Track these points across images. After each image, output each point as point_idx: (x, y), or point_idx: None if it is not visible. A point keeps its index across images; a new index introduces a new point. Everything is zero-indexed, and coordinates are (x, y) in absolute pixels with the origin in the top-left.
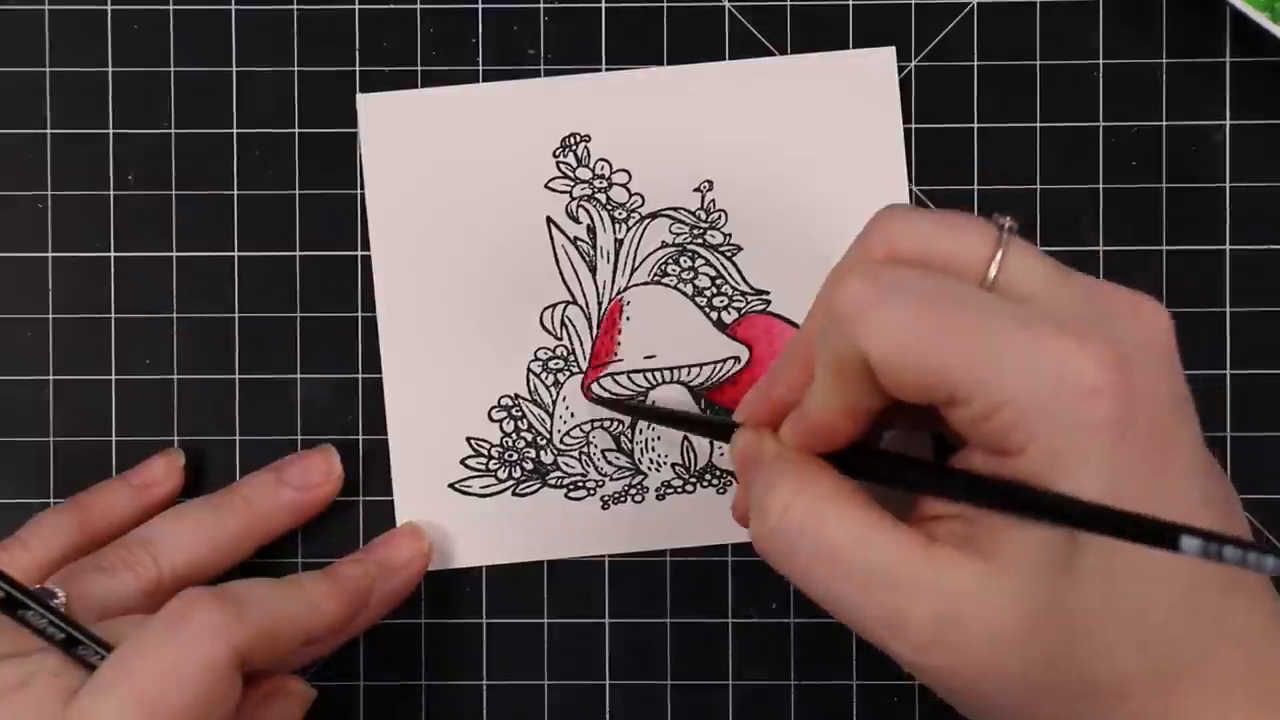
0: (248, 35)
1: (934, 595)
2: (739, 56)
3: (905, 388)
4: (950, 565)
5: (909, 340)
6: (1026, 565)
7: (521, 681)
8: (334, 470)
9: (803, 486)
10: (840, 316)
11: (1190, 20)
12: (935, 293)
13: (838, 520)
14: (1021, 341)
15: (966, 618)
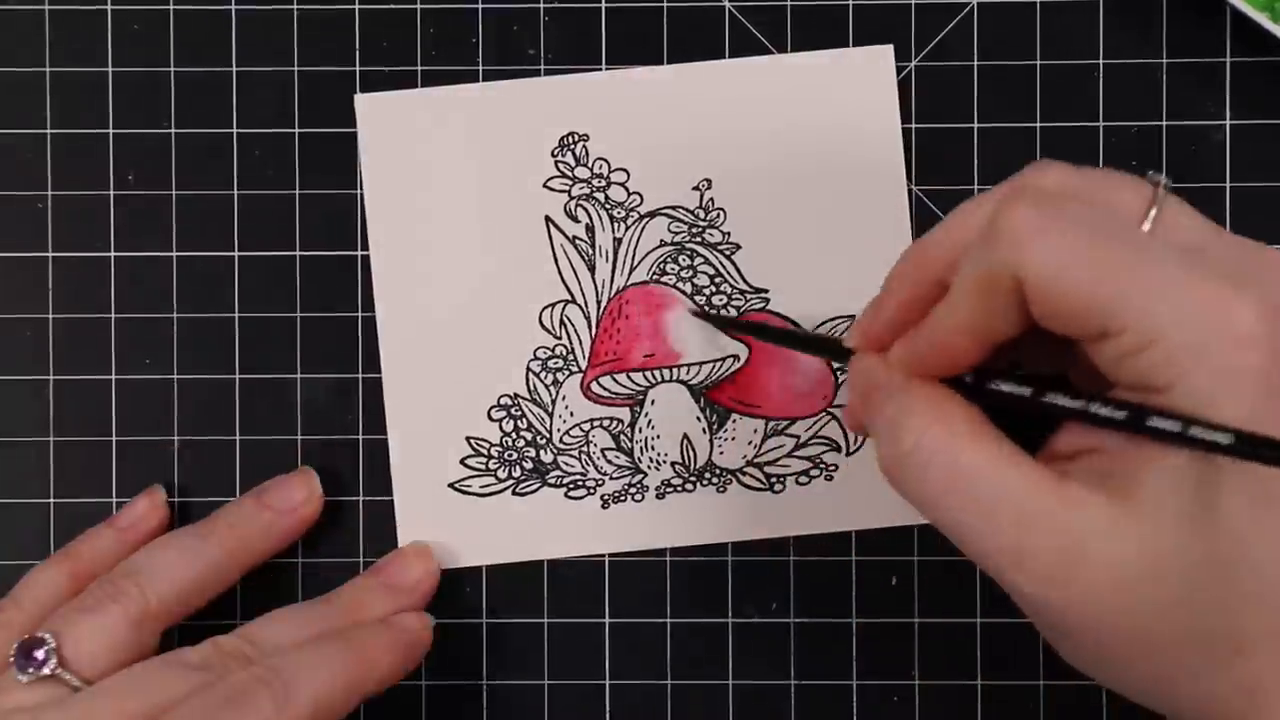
0: (248, 35)
1: (1060, 531)
2: (739, 56)
3: (1059, 314)
4: (1080, 502)
5: (1072, 266)
6: (1161, 508)
7: (521, 681)
8: (314, 491)
9: (939, 417)
10: (1003, 235)
11: (1190, 20)
12: (1100, 224)
13: (972, 451)
14: (1182, 282)
15: (1092, 555)
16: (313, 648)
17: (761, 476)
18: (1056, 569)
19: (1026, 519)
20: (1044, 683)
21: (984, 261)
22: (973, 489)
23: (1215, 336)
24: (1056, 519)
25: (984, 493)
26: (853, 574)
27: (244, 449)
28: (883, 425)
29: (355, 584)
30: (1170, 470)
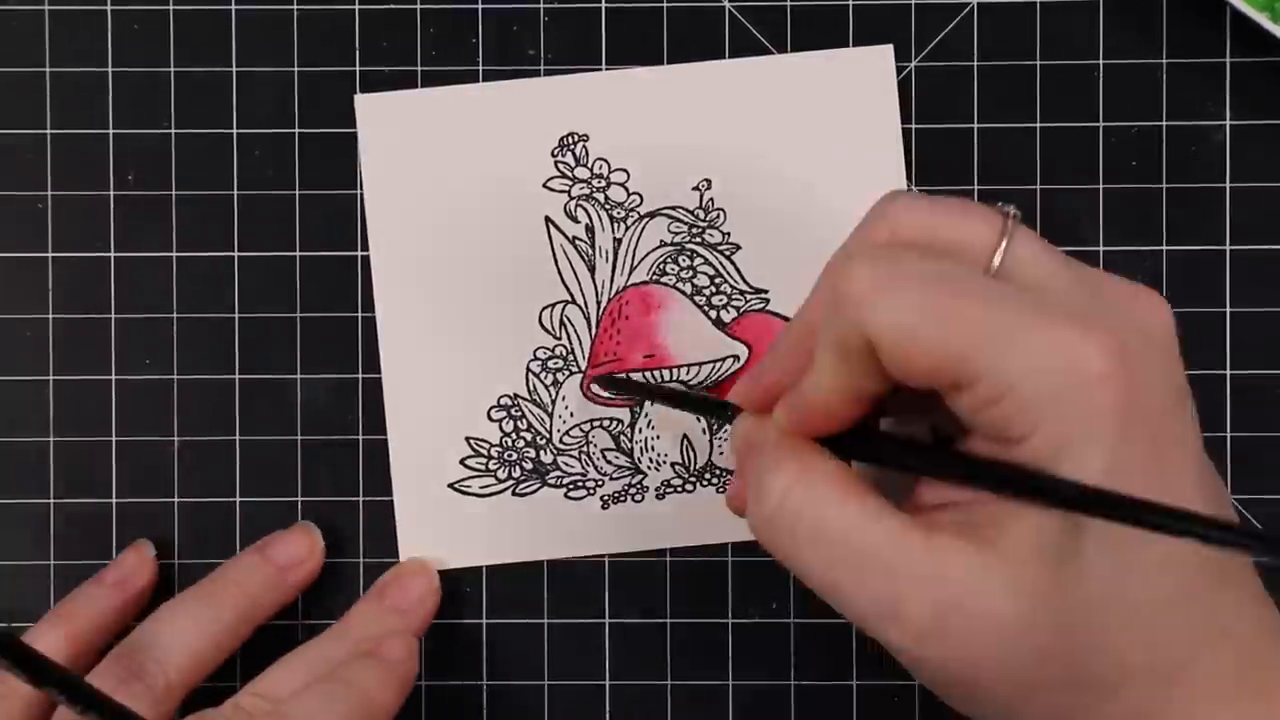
0: (248, 35)
1: (932, 584)
2: (739, 56)
3: (910, 372)
4: (950, 554)
5: (916, 323)
6: (1027, 555)
7: (521, 682)
8: (316, 545)
9: (804, 472)
10: (846, 299)
11: (1190, 20)
12: (942, 277)
13: (838, 506)
14: (1028, 327)
15: (965, 607)
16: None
17: None
18: (931, 623)
19: (897, 574)
20: None
21: (834, 325)
22: (840, 546)
23: (1067, 381)
24: (927, 572)
25: (852, 550)
26: None
27: (244, 449)
28: (752, 482)
29: (363, 613)
30: (1031, 517)
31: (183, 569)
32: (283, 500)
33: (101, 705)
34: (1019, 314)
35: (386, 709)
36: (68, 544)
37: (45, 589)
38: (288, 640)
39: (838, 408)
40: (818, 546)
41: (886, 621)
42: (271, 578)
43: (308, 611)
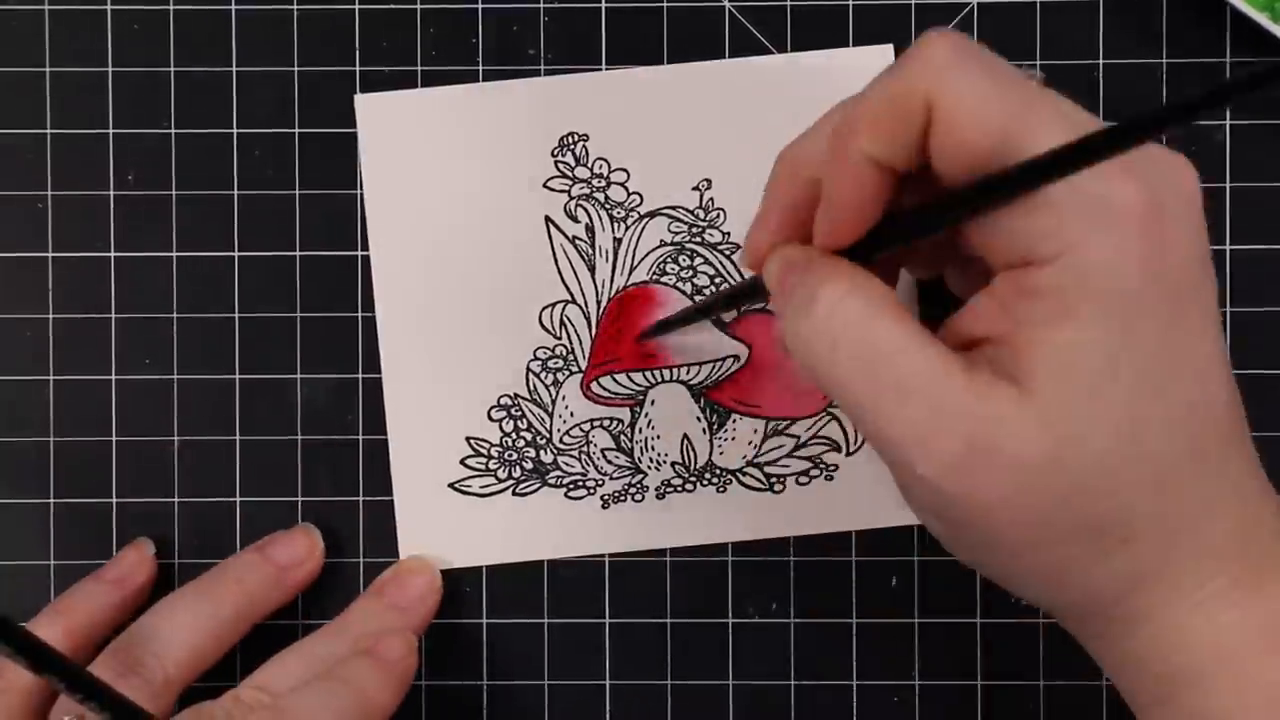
0: (248, 35)
1: (968, 418)
2: (739, 56)
3: (962, 145)
4: (988, 389)
5: (986, 98)
6: (1060, 393)
7: (521, 681)
8: (316, 547)
9: (857, 287)
10: (922, 59)
11: (1190, 20)
12: (1013, 75)
13: (890, 324)
14: None
15: (997, 443)
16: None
17: (761, 476)
18: (961, 458)
19: (936, 402)
20: (1044, 683)
21: (893, 81)
22: (886, 366)
23: (1105, 213)
24: (966, 406)
25: (897, 371)
26: (853, 574)
27: (244, 449)
28: (797, 298)
29: (362, 609)
30: (1060, 351)
31: (183, 568)
32: (283, 500)
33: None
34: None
35: (384, 707)
36: (68, 544)
37: (45, 589)
38: (287, 639)
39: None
40: (861, 364)
41: (916, 449)
42: (271, 577)
43: (307, 611)
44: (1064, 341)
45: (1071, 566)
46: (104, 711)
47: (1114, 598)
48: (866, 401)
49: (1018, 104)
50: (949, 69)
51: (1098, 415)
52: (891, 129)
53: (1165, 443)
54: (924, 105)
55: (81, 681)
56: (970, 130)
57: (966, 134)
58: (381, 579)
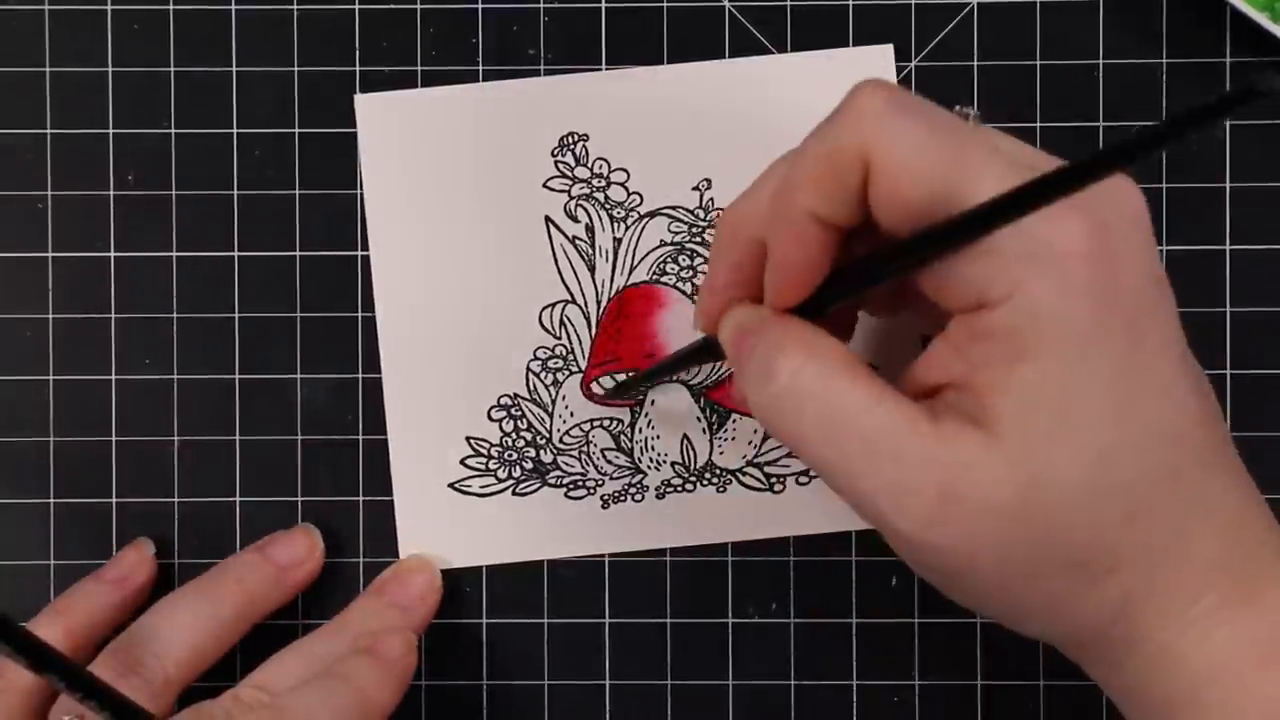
0: (248, 35)
1: (938, 467)
2: (739, 56)
3: (900, 197)
4: (954, 436)
5: (922, 149)
6: (1024, 435)
7: (521, 681)
8: (316, 547)
9: (812, 352)
10: (856, 112)
11: (1190, 20)
12: (948, 121)
13: (849, 386)
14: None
15: (969, 490)
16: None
17: (761, 476)
18: (935, 508)
19: (905, 457)
20: (1044, 683)
21: (832, 137)
22: (850, 427)
23: (1050, 249)
24: (934, 456)
25: (861, 432)
26: (853, 574)
27: (244, 449)
28: (754, 366)
29: (362, 608)
30: (1019, 389)
31: (182, 568)
32: (283, 500)
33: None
34: (1015, 173)
35: (383, 705)
36: (68, 544)
37: (45, 589)
38: (287, 639)
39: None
40: (826, 428)
41: (892, 506)
42: (271, 576)
43: (307, 611)
44: (1022, 381)
45: (1061, 601)
46: (104, 711)
47: (1106, 625)
48: (836, 463)
49: (952, 150)
50: (881, 121)
51: (1063, 451)
52: (830, 186)
53: (1136, 469)
54: (860, 160)
55: (81, 681)
56: (906, 181)
57: (903, 186)
58: (381, 578)
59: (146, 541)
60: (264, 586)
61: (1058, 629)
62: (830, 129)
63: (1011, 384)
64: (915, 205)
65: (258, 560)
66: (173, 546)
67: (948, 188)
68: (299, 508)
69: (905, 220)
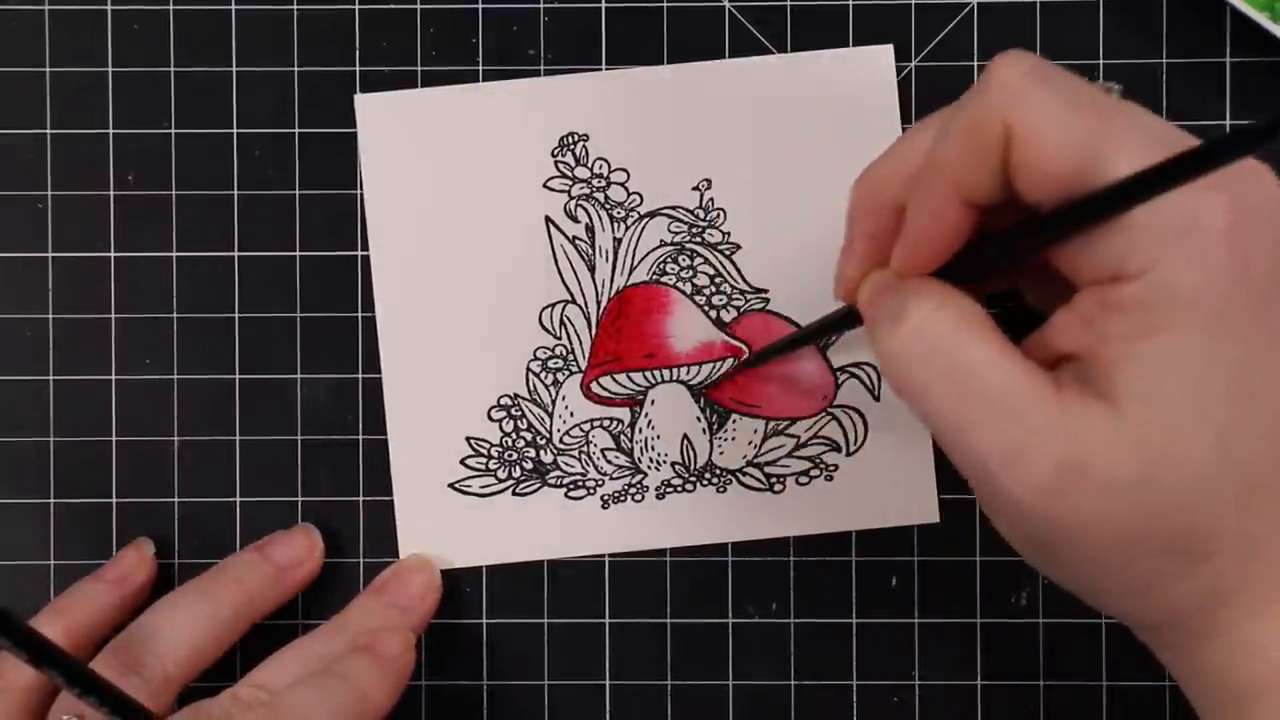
0: (248, 35)
1: (1060, 437)
2: (739, 56)
3: (1043, 172)
4: (1080, 408)
5: (1063, 119)
6: (1149, 410)
7: (521, 681)
8: (316, 547)
9: (946, 301)
10: (997, 84)
11: (1190, 20)
12: (1094, 93)
13: (978, 339)
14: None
15: (1090, 464)
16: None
17: (761, 476)
18: (1053, 478)
19: (1028, 421)
20: (1044, 683)
21: (974, 108)
22: (976, 381)
23: (1189, 227)
24: (1058, 425)
25: (987, 388)
26: (853, 574)
27: (244, 449)
28: (886, 311)
29: (362, 607)
30: (1148, 365)
31: (182, 568)
32: (283, 500)
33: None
34: (1155, 150)
35: (380, 704)
36: (68, 544)
37: (45, 589)
38: (287, 638)
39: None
40: (953, 376)
41: (1008, 469)
42: (271, 576)
43: (307, 610)
44: (1152, 356)
45: (1155, 583)
46: (103, 707)
47: (1193, 612)
48: (956, 419)
49: (1095, 121)
50: (1022, 92)
51: (1189, 431)
52: (974, 162)
53: (1255, 453)
54: (1002, 132)
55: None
56: (1051, 154)
57: (1048, 158)
58: (381, 578)
59: (146, 541)
60: (263, 586)
61: (1143, 612)
62: (972, 102)
63: (1140, 358)
64: (1058, 176)
65: (257, 560)
66: (173, 546)
67: (1090, 159)
68: (299, 508)
69: (1049, 193)
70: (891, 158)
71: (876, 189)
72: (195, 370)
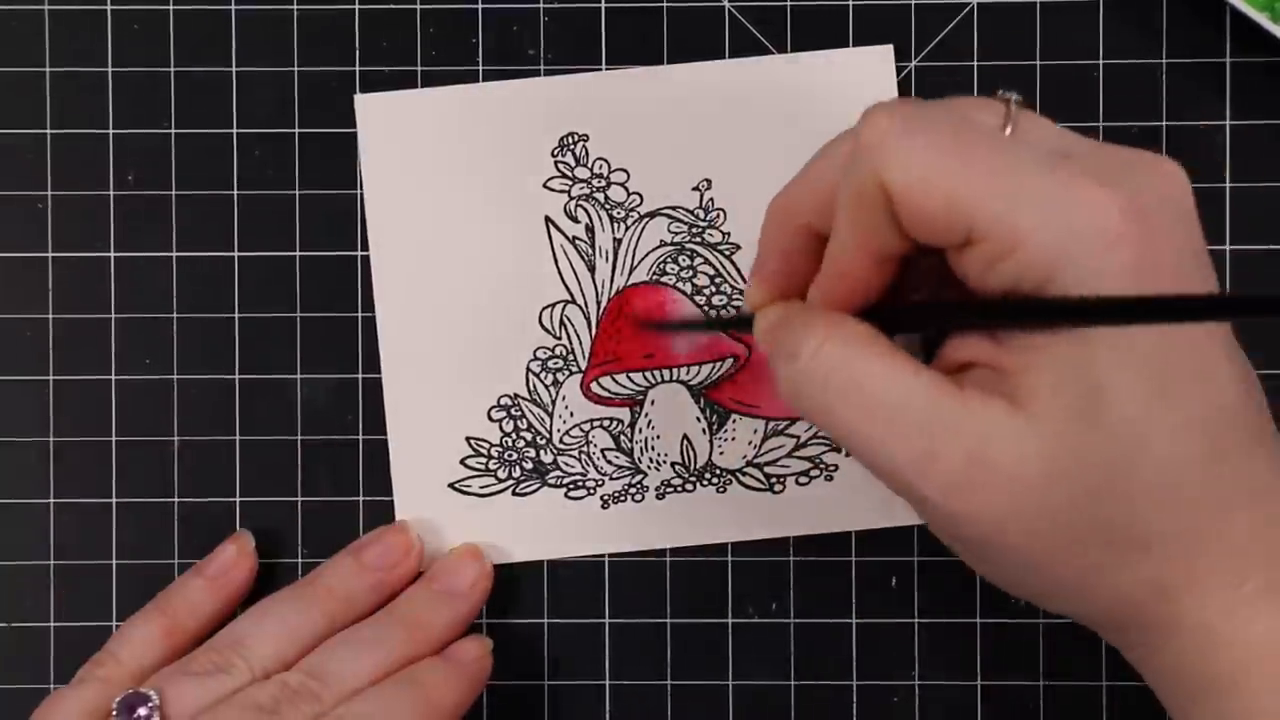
0: (248, 35)
1: (964, 435)
2: (739, 56)
3: (923, 220)
4: (981, 407)
5: (932, 171)
6: (1053, 409)
7: (521, 681)
8: (414, 546)
9: (834, 327)
10: (864, 145)
11: (1190, 20)
12: (959, 128)
13: (870, 358)
14: (1044, 182)
15: (996, 458)
16: (379, 697)
17: (761, 476)
18: (963, 474)
19: (931, 425)
20: (1044, 683)
21: (852, 174)
22: (875, 396)
23: (1081, 236)
24: (960, 424)
25: (886, 400)
26: (853, 574)
27: (244, 449)
28: (782, 350)
29: (411, 596)
30: (1052, 369)
31: (182, 569)
32: (283, 500)
33: None
34: (1035, 168)
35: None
36: (68, 544)
37: (45, 589)
38: None
39: (861, 269)
40: (850, 399)
41: (919, 474)
42: (366, 582)
43: None
44: (1054, 360)
45: (1094, 577)
46: None
47: (1142, 606)
48: (861, 430)
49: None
50: (891, 151)
51: (1095, 427)
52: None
53: (1176, 447)
54: (882, 194)
55: None
56: (922, 204)
57: (920, 208)
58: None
59: (246, 535)
60: (357, 591)
61: (1091, 608)
62: (851, 165)
63: (1044, 364)
64: (934, 221)
65: (351, 566)
66: (173, 547)
67: (968, 205)
68: (299, 508)
69: (934, 236)
70: (803, 181)
71: (788, 212)
72: (195, 370)
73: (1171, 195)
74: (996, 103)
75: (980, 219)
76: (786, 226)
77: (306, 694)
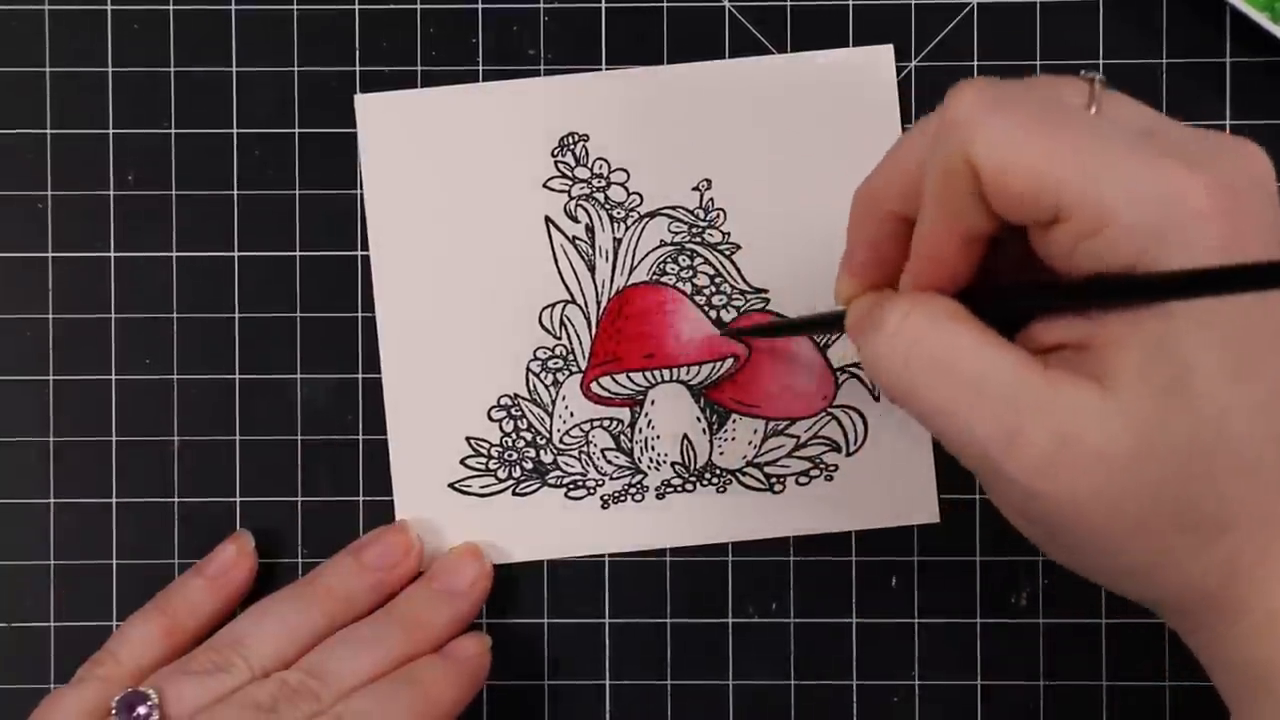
0: (248, 35)
1: (1052, 414)
2: (739, 56)
3: (1010, 197)
4: (1068, 387)
5: (1020, 147)
6: (1141, 389)
7: (521, 681)
8: (414, 546)
9: (920, 300)
10: (952, 122)
11: (1190, 20)
12: (1047, 105)
13: (958, 331)
14: (1132, 161)
15: (1085, 438)
16: (377, 695)
17: (761, 476)
18: (1047, 457)
19: (1017, 403)
20: (1044, 683)
21: (940, 151)
22: (960, 370)
23: (1170, 215)
24: (1047, 403)
25: (972, 374)
26: (853, 574)
27: (244, 449)
28: (867, 324)
29: (411, 594)
30: (1140, 349)
31: (182, 569)
32: (283, 500)
33: None
34: (1122, 146)
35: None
36: (68, 544)
37: (45, 589)
38: None
39: (949, 249)
40: (935, 373)
41: (1003, 452)
42: (366, 582)
43: None
44: (1143, 338)
45: (1169, 560)
46: None
47: (1213, 589)
48: (946, 406)
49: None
50: (979, 127)
51: (1182, 405)
52: (957, 206)
53: (1256, 427)
54: (970, 171)
55: None
56: (1012, 182)
57: (1010, 187)
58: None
59: (246, 535)
60: (356, 591)
61: (1161, 591)
62: (937, 143)
63: (1132, 341)
64: (1023, 200)
65: (351, 566)
66: (173, 547)
67: (1057, 182)
68: (299, 508)
69: (1023, 215)
70: (884, 169)
71: (874, 199)
72: (195, 370)
73: (1258, 177)
74: (1080, 81)
75: (1068, 196)
76: (873, 214)
77: (305, 693)
